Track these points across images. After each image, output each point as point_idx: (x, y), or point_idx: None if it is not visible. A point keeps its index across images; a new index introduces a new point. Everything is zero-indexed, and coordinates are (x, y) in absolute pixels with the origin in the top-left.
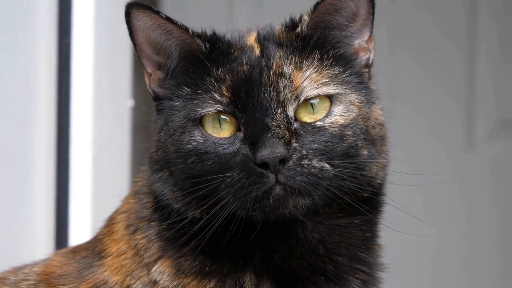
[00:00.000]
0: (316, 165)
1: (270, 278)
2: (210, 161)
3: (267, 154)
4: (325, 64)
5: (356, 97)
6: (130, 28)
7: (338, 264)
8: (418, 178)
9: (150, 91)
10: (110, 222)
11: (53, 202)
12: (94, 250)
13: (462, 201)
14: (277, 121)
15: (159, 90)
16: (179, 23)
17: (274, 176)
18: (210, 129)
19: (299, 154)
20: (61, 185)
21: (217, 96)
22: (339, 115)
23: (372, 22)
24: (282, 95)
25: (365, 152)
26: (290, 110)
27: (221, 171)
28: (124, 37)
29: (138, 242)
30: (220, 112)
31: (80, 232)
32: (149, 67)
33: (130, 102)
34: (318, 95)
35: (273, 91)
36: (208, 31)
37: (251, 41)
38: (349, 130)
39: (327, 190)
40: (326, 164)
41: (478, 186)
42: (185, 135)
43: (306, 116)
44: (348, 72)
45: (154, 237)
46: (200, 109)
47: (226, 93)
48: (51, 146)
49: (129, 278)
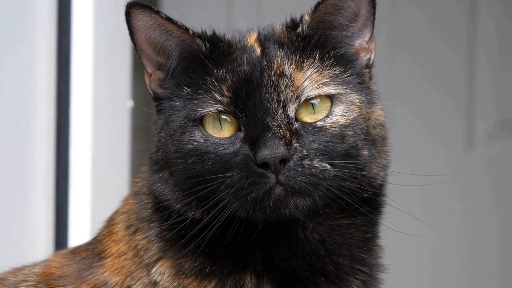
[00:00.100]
0: (317, 165)
1: (270, 279)
2: (210, 161)
3: (268, 154)
4: (326, 64)
5: (356, 97)
6: (130, 28)
7: (339, 264)
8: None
9: (150, 91)
10: (110, 223)
11: (52, 203)
12: (94, 251)
13: (462, 201)
14: (277, 121)
15: (159, 90)
16: (179, 23)
17: (274, 176)
18: (211, 129)
19: (300, 154)
20: (60, 186)
21: (217, 96)
22: (340, 115)
23: (373, 23)
24: (282, 95)
25: (365, 152)
26: (291, 110)
27: (221, 171)
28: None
29: (138, 242)
30: (220, 112)
31: (79, 233)
32: (149, 67)
33: (130, 103)
34: (319, 95)
35: (273, 91)
36: (208, 31)
37: (252, 41)
38: (349, 130)
39: (328, 191)
40: (327, 164)
41: (478, 187)
42: (185, 135)
43: (306, 116)
44: (349, 72)
45: (154, 237)
46: (200, 109)
47: (226, 93)
48: (51, 146)
49: (129, 279)
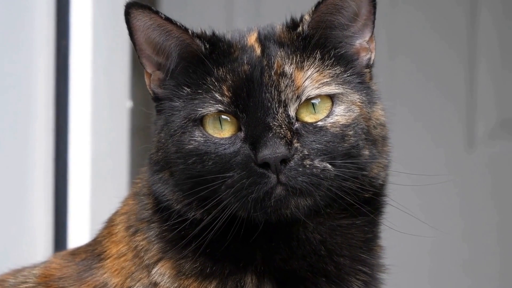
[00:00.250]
0: (318, 165)
1: (271, 279)
2: (210, 161)
3: (269, 154)
4: (326, 63)
5: (357, 97)
6: (130, 28)
7: (340, 265)
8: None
9: (150, 92)
10: (110, 224)
11: (52, 204)
12: (93, 252)
13: (462, 201)
14: (278, 121)
15: (159, 91)
16: (179, 24)
17: (275, 176)
18: (211, 129)
19: (301, 154)
20: (60, 186)
21: (218, 96)
22: (341, 115)
23: (373, 22)
24: (283, 95)
25: (366, 152)
26: (292, 110)
27: (222, 172)
28: (122, 38)
29: (138, 243)
30: (221, 112)
31: (79, 234)
32: (149, 67)
33: (129, 103)
34: (320, 95)
35: (274, 91)
36: (208, 32)
37: (252, 41)
38: (350, 130)
39: (329, 191)
40: (327, 164)
41: (478, 187)
42: (185, 136)
43: (307, 116)
44: (349, 72)
45: (155, 238)
46: (200, 109)
47: (227, 93)
48: (50, 147)
49: (129, 280)
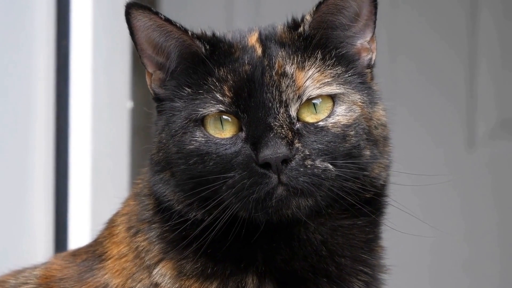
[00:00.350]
0: (319, 165)
1: (272, 280)
2: (211, 161)
3: (270, 154)
4: (327, 64)
5: (358, 97)
6: (131, 28)
7: (341, 265)
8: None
9: (151, 91)
10: (111, 225)
11: (52, 205)
12: (94, 253)
13: (462, 201)
14: (279, 121)
15: (160, 91)
16: (179, 24)
17: (276, 176)
18: (212, 129)
19: (302, 155)
20: (60, 187)
21: (219, 96)
22: (342, 115)
23: (374, 23)
24: (284, 95)
25: (367, 152)
26: (293, 110)
27: (223, 172)
28: (122, 38)
29: (139, 244)
30: (222, 112)
31: (79, 234)
32: (150, 67)
33: (129, 104)
34: (321, 95)
35: (275, 91)
36: (208, 33)
37: (253, 41)
38: (351, 130)
39: (330, 191)
40: (329, 164)
41: (479, 187)
42: (186, 136)
43: (308, 116)
44: (350, 72)
45: (156, 239)
46: (201, 109)
47: (228, 93)
48: (50, 147)
49: (130, 280)
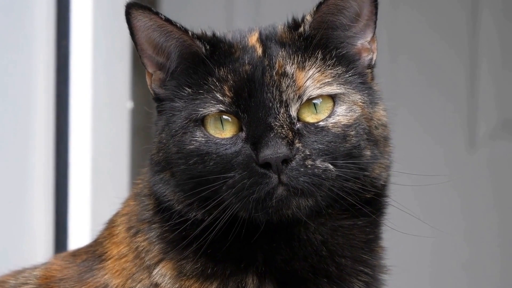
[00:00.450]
0: (319, 165)
1: (272, 280)
2: (212, 161)
3: (270, 154)
4: (328, 64)
5: (359, 97)
6: (131, 28)
7: (341, 266)
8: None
9: (151, 92)
10: (111, 225)
11: (52, 205)
12: (94, 253)
13: (463, 202)
14: (280, 121)
15: (160, 91)
16: (179, 25)
17: (276, 176)
18: (212, 129)
19: (303, 155)
20: (60, 187)
21: (219, 96)
22: (342, 115)
23: (375, 23)
24: (285, 95)
25: (368, 152)
26: (293, 110)
27: (223, 172)
28: (123, 38)
29: (139, 244)
30: (222, 112)
31: (79, 235)
32: (150, 67)
33: (129, 104)
34: (321, 95)
35: (275, 91)
36: (208, 33)
37: (253, 41)
38: (352, 130)
39: (330, 191)
40: (329, 164)
41: (480, 187)
42: (186, 136)
43: (309, 116)
44: (351, 72)
45: (156, 239)
46: (202, 109)
47: (228, 93)
48: (50, 148)
49: (130, 281)
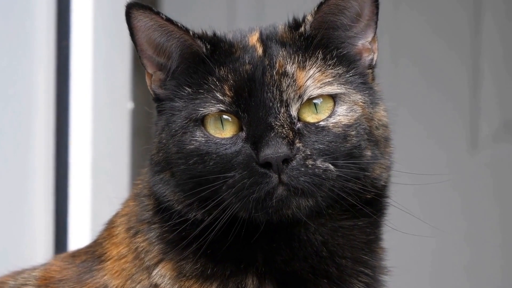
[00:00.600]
0: (320, 165)
1: (272, 281)
2: (212, 161)
3: (270, 153)
4: (328, 63)
5: (359, 97)
6: (131, 28)
7: (342, 266)
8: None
9: (151, 92)
10: (110, 226)
11: (52, 206)
12: (94, 254)
13: (465, 203)
14: (280, 120)
15: (160, 91)
16: (180, 24)
17: (277, 176)
18: (212, 129)
19: (303, 154)
20: (60, 188)
21: (219, 95)
22: (343, 115)
23: (376, 23)
24: (285, 95)
25: (368, 153)
26: (294, 110)
27: (223, 172)
28: (123, 38)
29: (138, 245)
30: (222, 111)
31: (79, 235)
32: (150, 68)
33: (130, 104)
34: (322, 95)
35: (276, 91)
36: (208, 32)
37: (254, 40)
38: (352, 130)
39: (331, 191)
40: (330, 164)
41: (481, 189)
42: (186, 136)
43: (309, 116)
44: (351, 72)
45: (155, 239)
46: (202, 108)
47: (228, 92)
48: (50, 148)
49: (129, 281)
